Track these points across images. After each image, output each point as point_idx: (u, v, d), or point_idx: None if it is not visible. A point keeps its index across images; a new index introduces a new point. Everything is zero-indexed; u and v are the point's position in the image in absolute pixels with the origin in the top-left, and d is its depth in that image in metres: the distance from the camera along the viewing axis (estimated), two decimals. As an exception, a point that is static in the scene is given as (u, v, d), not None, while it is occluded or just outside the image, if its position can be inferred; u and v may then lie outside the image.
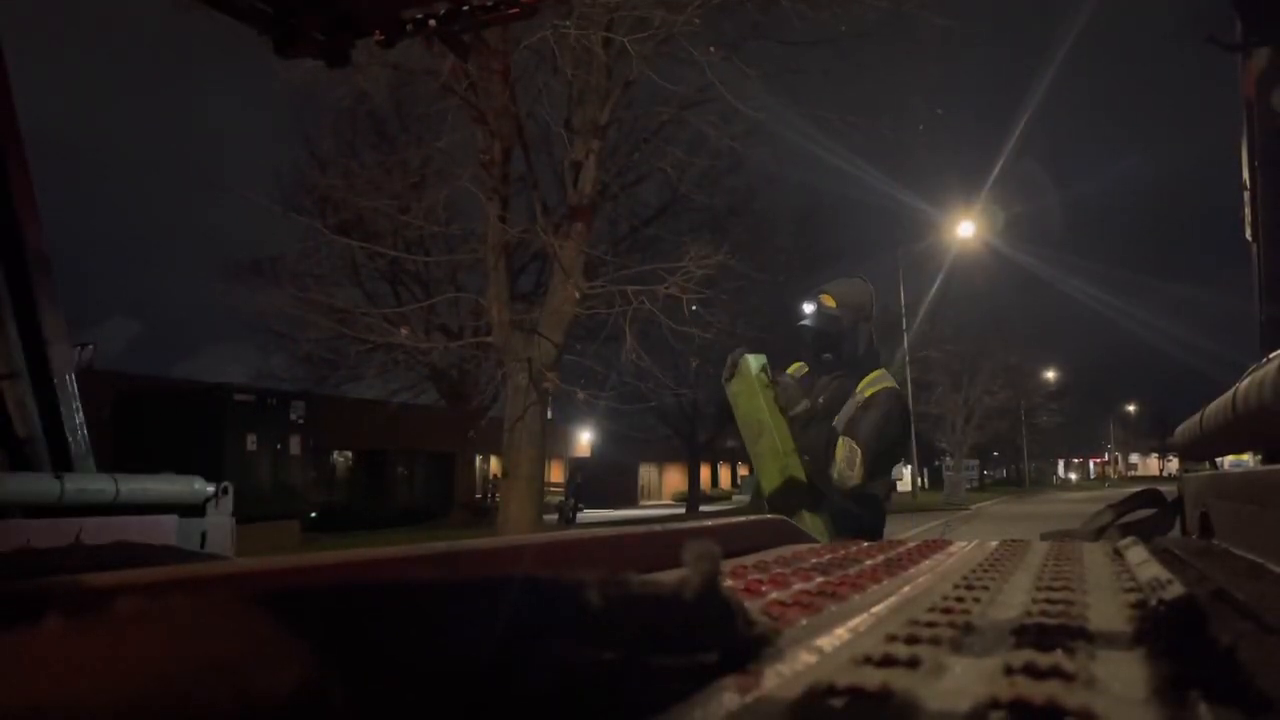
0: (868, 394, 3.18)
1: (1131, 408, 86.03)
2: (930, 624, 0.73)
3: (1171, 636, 0.64)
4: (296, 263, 18.36)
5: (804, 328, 3.34)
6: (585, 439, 37.74)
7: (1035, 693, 0.49)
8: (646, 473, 44.08)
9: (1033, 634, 0.68)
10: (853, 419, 3.15)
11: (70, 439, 2.23)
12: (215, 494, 2.28)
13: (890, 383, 3.25)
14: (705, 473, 38.98)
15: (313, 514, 16.59)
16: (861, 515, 3.05)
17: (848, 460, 3.06)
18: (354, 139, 19.32)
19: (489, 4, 2.30)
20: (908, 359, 32.52)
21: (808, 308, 3.34)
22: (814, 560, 1.30)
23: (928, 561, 1.30)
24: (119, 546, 1.22)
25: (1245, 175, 3.48)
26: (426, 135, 15.61)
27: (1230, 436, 2.36)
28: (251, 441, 14.16)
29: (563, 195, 14.72)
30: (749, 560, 1.30)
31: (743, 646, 0.58)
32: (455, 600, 0.44)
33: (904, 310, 31.83)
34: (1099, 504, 2.86)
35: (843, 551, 1.45)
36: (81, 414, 2.30)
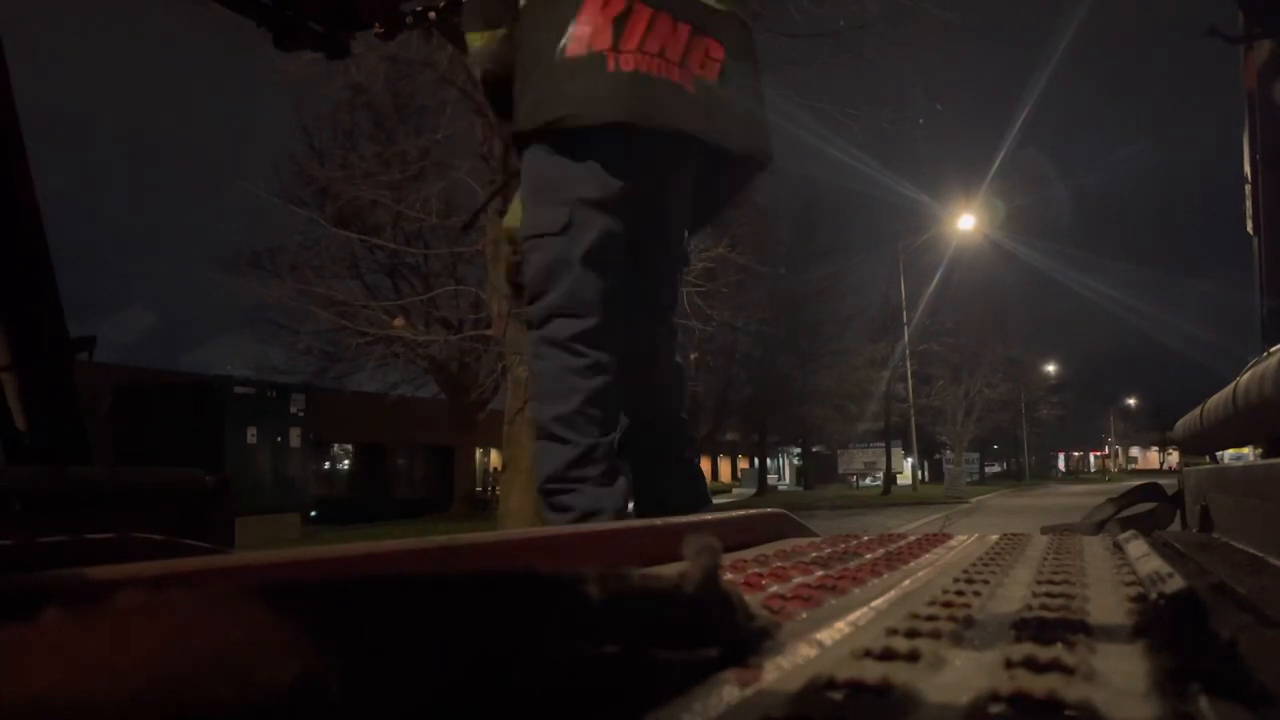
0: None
1: (1132, 401, 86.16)
2: (930, 618, 0.73)
3: (1172, 630, 0.64)
4: (296, 255, 18.33)
5: None
6: (585, 432, 37.62)
7: (1035, 686, 0.49)
8: (646, 466, 43.92)
9: (1033, 628, 0.68)
10: None
11: (69, 431, 2.23)
12: (215, 487, 2.28)
13: None
14: (705, 465, 38.91)
15: (313, 509, 16.60)
16: None
17: None
18: (352, 130, 19.27)
19: None
20: (908, 352, 32.57)
21: None
22: (814, 554, 1.30)
23: (928, 555, 1.30)
24: (118, 540, 1.22)
25: (1246, 168, 3.48)
26: (425, 127, 15.58)
27: (1231, 430, 2.37)
28: (251, 434, 14.15)
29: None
30: (748, 554, 1.30)
31: (743, 641, 0.58)
32: (454, 594, 0.44)
33: (904, 303, 31.86)
34: (1099, 497, 2.86)
35: (843, 545, 1.45)
36: (80, 406, 2.30)
